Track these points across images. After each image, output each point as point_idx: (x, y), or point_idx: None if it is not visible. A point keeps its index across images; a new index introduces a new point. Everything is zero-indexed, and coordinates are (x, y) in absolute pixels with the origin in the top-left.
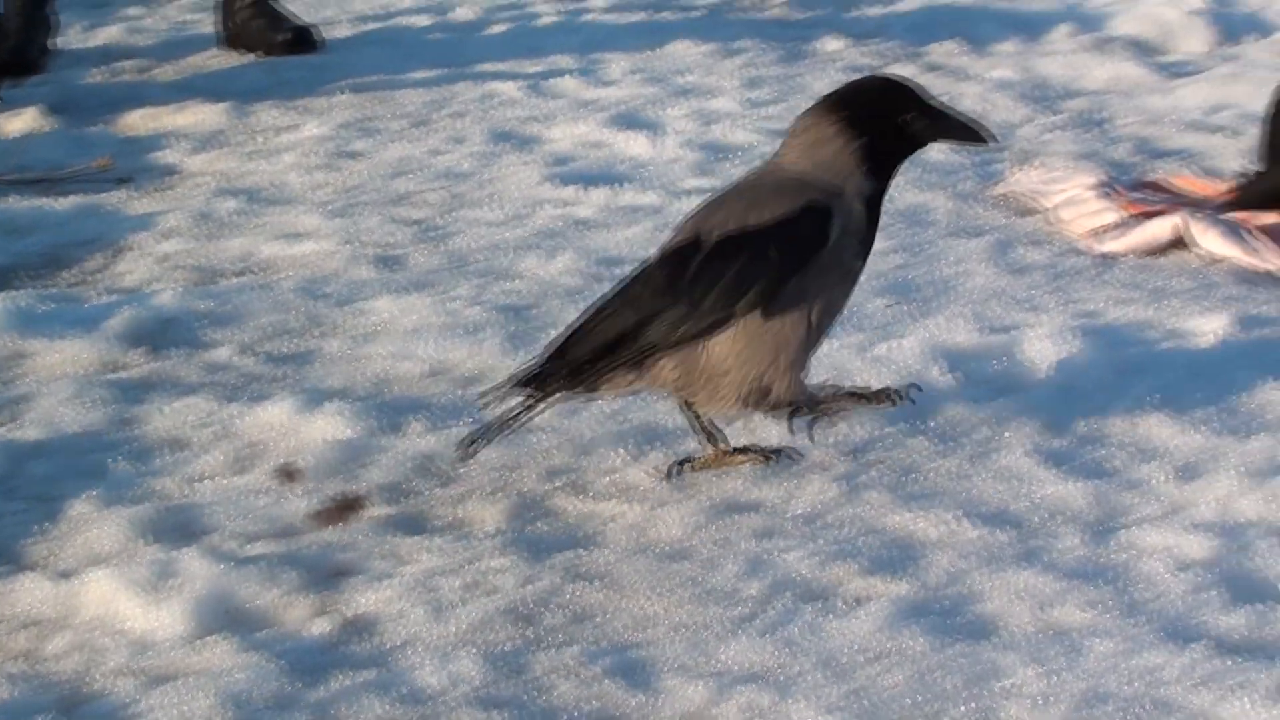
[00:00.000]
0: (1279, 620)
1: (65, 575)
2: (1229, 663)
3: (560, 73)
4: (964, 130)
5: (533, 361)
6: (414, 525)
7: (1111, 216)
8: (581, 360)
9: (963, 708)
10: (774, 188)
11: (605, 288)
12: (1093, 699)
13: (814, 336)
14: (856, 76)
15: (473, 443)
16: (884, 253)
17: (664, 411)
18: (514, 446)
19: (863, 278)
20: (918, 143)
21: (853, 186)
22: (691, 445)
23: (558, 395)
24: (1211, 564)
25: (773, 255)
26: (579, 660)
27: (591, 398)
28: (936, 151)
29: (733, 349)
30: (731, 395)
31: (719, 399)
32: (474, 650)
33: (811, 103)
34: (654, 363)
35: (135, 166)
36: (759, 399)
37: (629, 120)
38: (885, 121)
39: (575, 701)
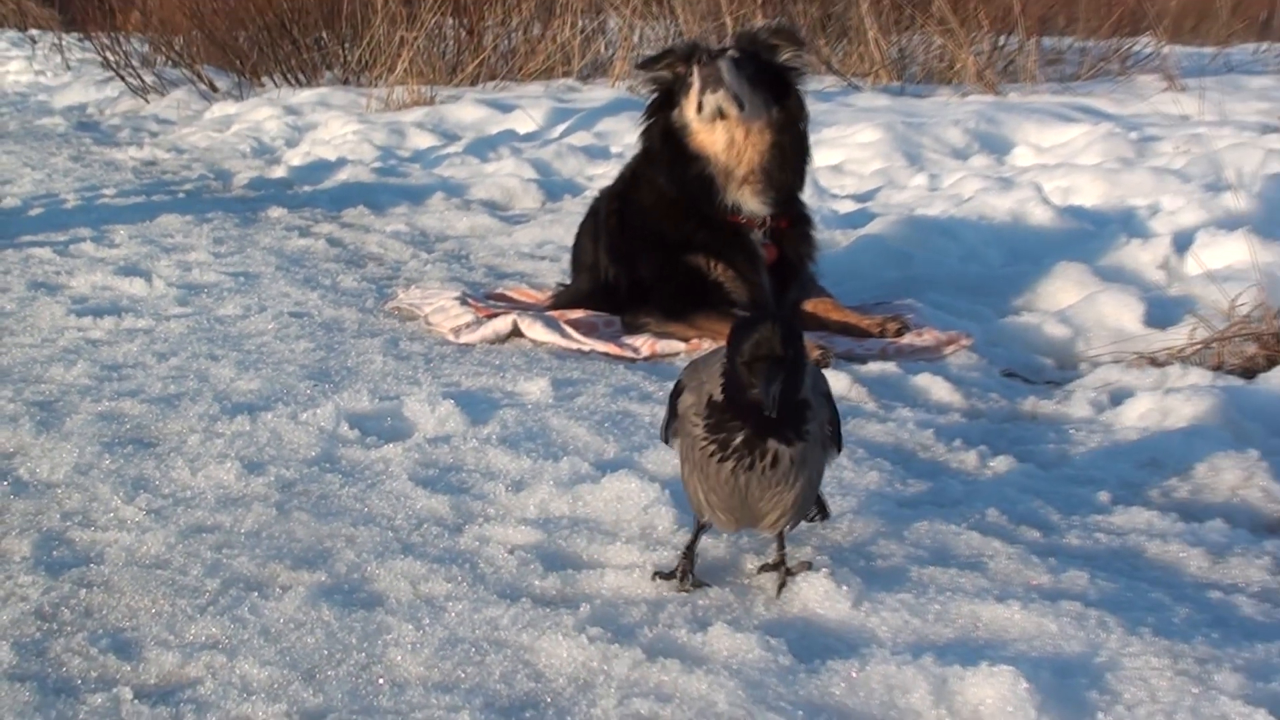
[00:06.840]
0: (581, 580)
1: None
2: (545, 611)
3: (80, 240)
4: None
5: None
6: None
7: (469, 318)
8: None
9: (361, 655)
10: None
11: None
12: (451, 642)
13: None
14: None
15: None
16: (309, 350)
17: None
18: (37, 496)
19: (293, 367)
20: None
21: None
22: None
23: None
24: (535, 546)
25: None
26: (85, 643)
27: None
28: (350, 280)
29: None
30: None
31: None
32: (7, 642)
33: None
34: None
35: None
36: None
37: (130, 270)
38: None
39: (82, 671)
